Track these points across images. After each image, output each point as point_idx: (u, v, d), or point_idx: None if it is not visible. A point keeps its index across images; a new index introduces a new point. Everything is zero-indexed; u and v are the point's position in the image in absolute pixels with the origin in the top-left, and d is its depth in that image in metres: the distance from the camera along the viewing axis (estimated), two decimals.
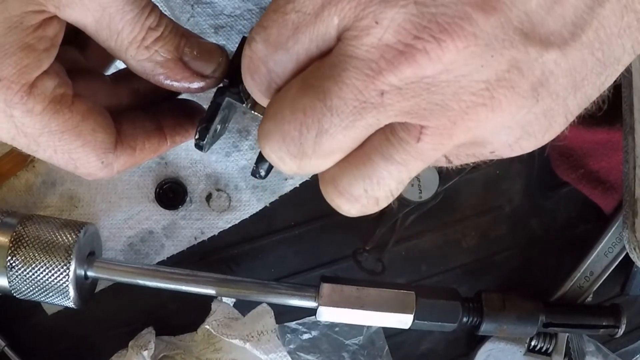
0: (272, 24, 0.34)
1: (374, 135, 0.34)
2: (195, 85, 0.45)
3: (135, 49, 0.41)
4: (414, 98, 0.31)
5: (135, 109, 0.46)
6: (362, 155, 0.34)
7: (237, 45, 0.50)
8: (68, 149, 0.41)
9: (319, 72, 0.33)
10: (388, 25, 0.30)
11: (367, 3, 0.31)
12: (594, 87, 0.33)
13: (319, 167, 0.36)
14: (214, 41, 0.60)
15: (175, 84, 0.44)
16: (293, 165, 0.35)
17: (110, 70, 0.49)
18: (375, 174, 0.34)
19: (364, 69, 0.31)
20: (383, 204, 0.36)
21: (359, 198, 0.35)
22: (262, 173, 0.49)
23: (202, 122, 0.50)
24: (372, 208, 0.36)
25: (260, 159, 0.49)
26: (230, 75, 0.49)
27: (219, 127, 0.53)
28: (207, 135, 0.50)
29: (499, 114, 0.31)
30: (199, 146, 0.50)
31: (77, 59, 0.46)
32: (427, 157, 0.33)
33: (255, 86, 0.37)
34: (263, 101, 0.38)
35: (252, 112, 0.47)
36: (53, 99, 0.39)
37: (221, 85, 0.50)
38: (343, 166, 0.35)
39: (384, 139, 0.33)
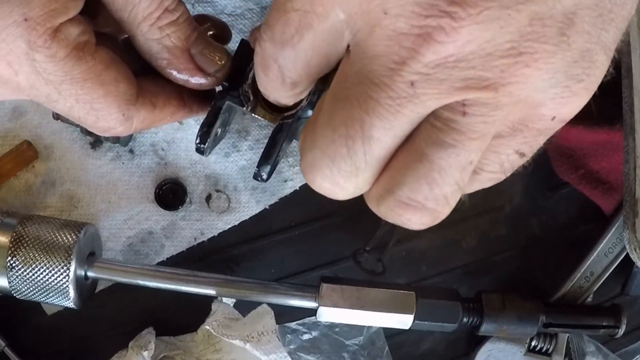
0: (275, 23, 0.34)
1: (419, 129, 0.33)
2: (195, 80, 0.45)
3: (148, 25, 0.41)
4: (445, 80, 0.30)
5: (155, 73, 0.45)
6: (413, 153, 0.33)
7: (237, 45, 0.50)
8: (90, 99, 0.40)
9: (345, 81, 0.33)
10: (397, 13, 0.30)
11: None
12: (622, 18, 0.31)
13: (372, 180, 0.34)
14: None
15: (176, 73, 0.44)
16: (350, 185, 0.34)
17: None
18: (434, 167, 0.32)
19: (388, 64, 0.31)
20: (454, 202, 0.34)
21: (427, 202, 0.33)
22: (264, 176, 0.49)
23: (202, 126, 0.50)
24: (444, 210, 0.34)
25: (262, 161, 0.49)
26: (230, 78, 0.49)
27: (219, 130, 0.53)
28: (208, 139, 0.50)
29: (535, 68, 0.30)
30: (200, 150, 0.51)
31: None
32: (481, 132, 0.32)
33: (270, 82, 0.36)
34: (280, 97, 0.38)
35: (253, 114, 0.47)
36: (77, 46, 0.39)
37: (221, 88, 0.50)
38: (397, 174, 0.33)
39: (430, 128, 0.32)
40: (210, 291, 0.53)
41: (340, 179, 0.34)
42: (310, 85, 0.38)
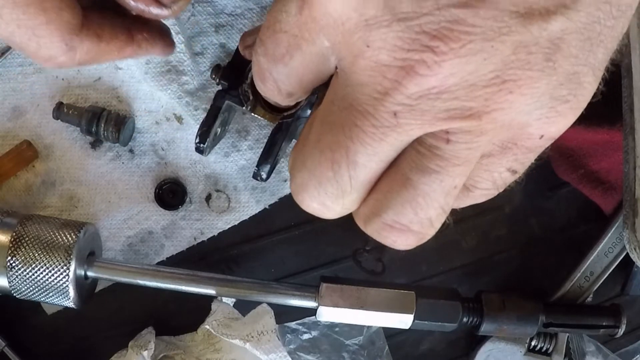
0: (267, 40, 0.34)
1: (404, 154, 0.33)
2: (151, 10, 0.42)
3: None
4: (428, 111, 0.30)
5: (104, 7, 0.44)
6: (399, 178, 0.33)
7: (237, 44, 0.50)
8: (32, 25, 0.39)
9: (332, 105, 0.34)
10: (380, 46, 0.30)
11: (352, 30, 0.30)
12: (612, 38, 0.31)
13: (359, 200, 0.35)
14: (215, 40, 0.60)
15: (131, 1, 0.41)
16: (337, 206, 0.35)
17: None
18: (418, 192, 0.33)
19: (372, 94, 0.31)
20: (438, 224, 0.35)
21: (411, 225, 0.34)
22: (264, 175, 0.49)
23: (202, 126, 0.50)
24: (428, 232, 0.35)
25: (262, 161, 0.49)
26: (229, 78, 0.49)
27: (219, 130, 0.53)
28: (208, 139, 0.50)
29: (519, 94, 0.30)
30: (199, 149, 0.51)
31: None
32: (465, 159, 0.32)
33: (268, 91, 0.37)
34: (278, 101, 0.39)
35: (252, 114, 0.47)
36: None
37: (221, 88, 0.50)
38: (384, 198, 0.34)
39: (414, 154, 0.33)
40: (210, 291, 0.53)
41: (327, 200, 0.35)
42: (306, 94, 0.38)
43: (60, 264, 0.51)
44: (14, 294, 0.53)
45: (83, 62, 0.43)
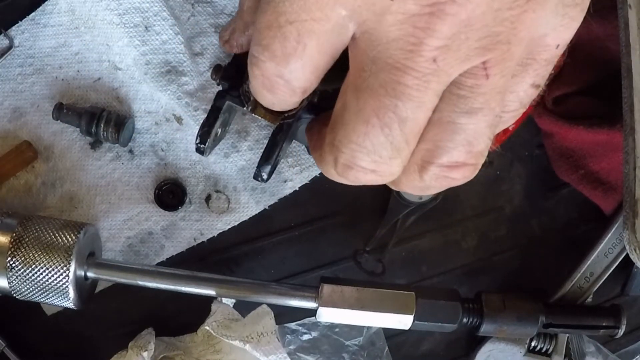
0: (271, 41, 0.33)
1: (444, 101, 0.34)
2: None
3: None
4: (463, 46, 0.31)
5: None
6: (446, 125, 0.34)
7: None
8: None
9: (363, 71, 0.33)
10: None
11: None
12: None
13: (409, 155, 0.35)
14: (215, 40, 0.60)
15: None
16: (395, 167, 0.35)
17: None
18: (469, 133, 0.34)
19: (406, 47, 0.31)
20: (486, 152, 0.37)
21: (467, 160, 0.35)
22: (265, 176, 0.49)
23: (202, 126, 0.50)
24: (481, 161, 0.36)
25: (262, 162, 0.48)
26: (230, 78, 0.49)
27: (219, 130, 0.53)
28: (208, 140, 0.50)
29: (540, 9, 0.31)
30: (200, 150, 0.51)
31: None
32: (502, 87, 0.33)
33: (278, 98, 0.37)
34: (288, 106, 0.38)
35: (253, 114, 0.47)
36: None
37: (221, 88, 0.50)
38: (435, 146, 0.35)
39: (456, 98, 0.33)
40: (210, 291, 0.53)
41: (383, 164, 0.35)
42: (318, 83, 0.38)
43: (60, 265, 0.51)
44: (14, 295, 0.53)
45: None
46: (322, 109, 0.48)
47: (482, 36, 0.31)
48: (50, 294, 0.53)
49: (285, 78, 0.35)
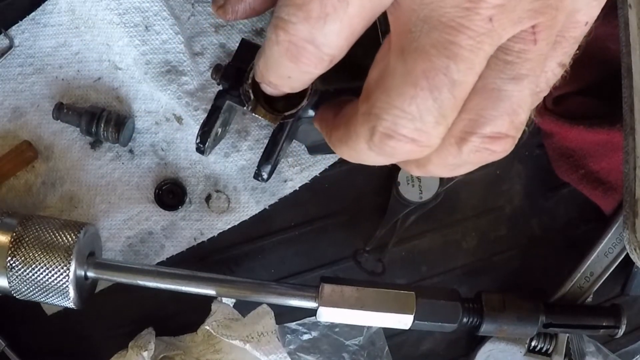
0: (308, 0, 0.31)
1: (489, 68, 0.33)
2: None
3: None
4: (518, 6, 0.30)
5: None
6: (490, 92, 0.33)
7: (237, 45, 0.50)
8: None
9: (410, 32, 0.32)
10: None
11: None
12: None
13: (450, 125, 0.34)
14: (215, 40, 0.60)
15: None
16: (436, 135, 0.33)
17: None
18: (514, 100, 0.33)
19: (462, 4, 0.30)
20: (524, 126, 0.35)
21: (509, 131, 0.34)
22: (265, 176, 0.49)
23: (203, 126, 0.50)
24: (519, 134, 0.35)
25: (263, 161, 0.48)
26: (230, 78, 0.49)
27: (219, 130, 0.53)
28: (209, 139, 0.50)
29: None
30: (200, 150, 0.51)
31: None
32: (545, 54, 0.33)
33: (299, 70, 0.34)
34: (304, 82, 0.36)
35: (253, 114, 0.47)
36: None
37: (221, 88, 0.50)
38: (479, 115, 0.33)
39: (502, 65, 0.33)
40: (210, 291, 0.53)
41: (424, 134, 0.33)
42: (345, 53, 0.35)
43: (60, 265, 0.51)
44: (14, 294, 0.53)
45: None
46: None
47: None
48: (50, 294, 0.53)
49: (316, 42, 0.32)
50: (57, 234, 0.52)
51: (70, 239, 0.52)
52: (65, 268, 0.52)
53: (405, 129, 0.33)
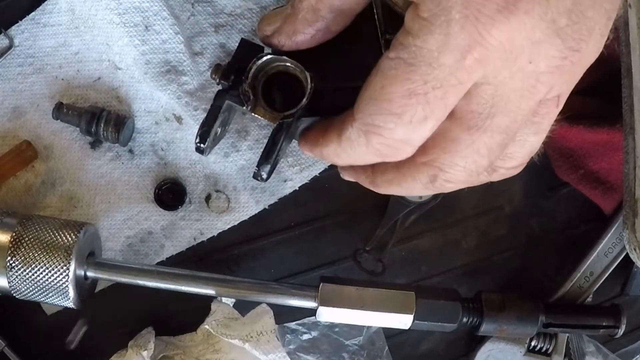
0: (408, 109, 0.35)
1: (523, 127, 0.41)
2: None
3: None
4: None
5: None
6: (521, 143, 0.42)
7: (237, 44, 0.50)
8: None
9: (482, 112, 0.38)
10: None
11: None
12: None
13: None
14: (215, 40, 0.60)
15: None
16: (483, 177, 0.43)
17: None
18: (532, 145, 0.42)
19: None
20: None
21: (524, 162, 0.44)
22: (264, 176, 0.49)
23: (202, 126, 0.50)
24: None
25: (262, 161, 0.48)
26: (230, 77, 0.49)
27: (219, 130, 0.53)
28: (208, 139, 0.50)
29: None
30: (199, 149, 0.51)
31: None
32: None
33: (385, 159, 0.40)
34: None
35: (253, 114, 0.47)
36: None
37: (221, 88, 0.50)
38: (511, 157, 0.43)
39: (529, 124, 0.40)
40: (210, 291, 0.53)
41: (473, 177, 0.43)
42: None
43: (60, 264, 0.51)
44: (14, 294, 0.53)
45: None
46: (321, 108, 0.48)
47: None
48: (50, 294, 0.53)
49: (411, 141, 0.37)
50: (56, 234, 0.52)
51: (70, 238, 0.52)
52: (65, 268, 0.52)
53: (462, 184, 0.42)
